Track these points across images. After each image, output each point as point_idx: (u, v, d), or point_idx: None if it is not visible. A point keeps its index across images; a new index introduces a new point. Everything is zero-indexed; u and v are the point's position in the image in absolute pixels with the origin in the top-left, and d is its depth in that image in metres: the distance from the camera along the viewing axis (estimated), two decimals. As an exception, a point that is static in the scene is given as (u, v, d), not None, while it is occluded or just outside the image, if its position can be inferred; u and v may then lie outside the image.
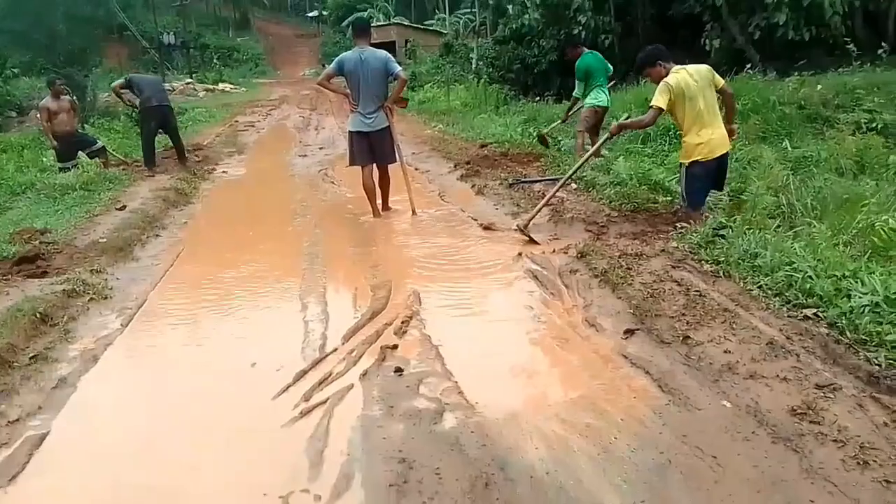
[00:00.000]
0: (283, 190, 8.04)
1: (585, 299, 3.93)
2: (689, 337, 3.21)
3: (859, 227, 4.70)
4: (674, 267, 4.15)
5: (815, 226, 4.70)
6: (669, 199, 6.08)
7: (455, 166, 8.52)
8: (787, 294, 3.47)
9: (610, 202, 5.96)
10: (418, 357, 3.32)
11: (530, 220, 5.30)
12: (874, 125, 8.28)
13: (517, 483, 2.31)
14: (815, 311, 3.25)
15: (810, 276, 3.49)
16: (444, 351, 3.36)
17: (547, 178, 7.07)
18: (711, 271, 3.97)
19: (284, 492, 2.32)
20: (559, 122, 8.70)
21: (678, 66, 4.89)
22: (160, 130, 9.24)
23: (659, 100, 4.78)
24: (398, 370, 3.15)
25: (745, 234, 4.36)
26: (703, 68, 4.93)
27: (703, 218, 4.88)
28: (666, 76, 4.83)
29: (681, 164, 5.14)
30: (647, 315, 3.51)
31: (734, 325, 3.25)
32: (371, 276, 4.59)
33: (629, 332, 3.42)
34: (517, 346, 3.50)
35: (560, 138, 9.37)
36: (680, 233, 4.73)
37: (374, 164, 6.27)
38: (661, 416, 2.66)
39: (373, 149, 6.17)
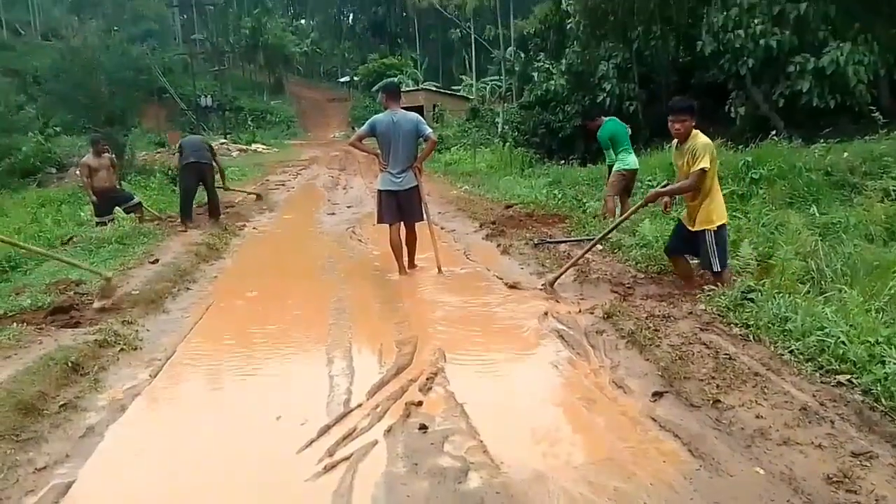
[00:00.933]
0: (312, 246, 8.18)
1: (612, 360, 3.89)
2: (719, 401, 3.15)
3: (892, 293, 4.64)
4: (702, 329, 4.11)
5: (846, 291, 4.63)
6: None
7: (480, 226, 8.61)
8: (819, 359, 3.41)
9: (636, 264, 5.96)
10: (443, 414, 3.30)
11: (556, 279, 5.31)
12: (900, 192, 8.27)
13: (544, 546, 2.26)
14: (848, 377, 3.19)
15: (843, 342, 3.43)
16: (469, 409, 3.34)
17: (572, 239, 7.11)
18: (741, 335, 3.92)
19: (307, 548, 2.28)
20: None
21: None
22: (200, 185, 9.50)
23: (706, 160, 4.76)
24: (423, 427, 3.13)
25: (774, 297, 4.32)
26: None
27: (732, 281, 4.86)
28: (691, 132, 4.89)
29: (705, 231, 5.01)
30: (675, 377, 3.47)
31: (766, 390, 3.19)
32: (397, 332, 4.60)
33: (657, 395, 3.37)
34: (543, 405, 3.47)
35: (585, 200, 9.46)
36: (708, 295, 4.70)
37: (402, 223, 6.37)
38: (691, 481, 2.60)
39: (401, 207, 6.28)
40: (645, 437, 2.99)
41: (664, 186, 5.40)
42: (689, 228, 5.08)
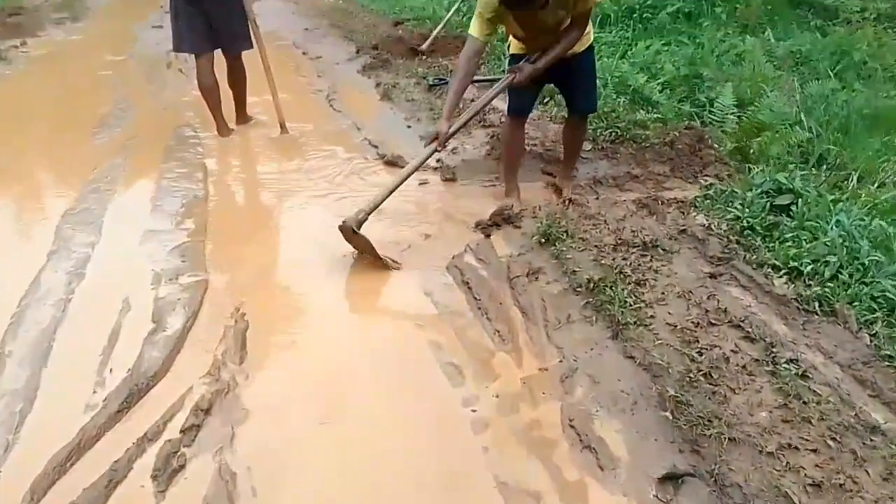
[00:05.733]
0: (106, 79, 5.53)
1: (563, 354, 2.02)
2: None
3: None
4: (714, 276, 2.29)
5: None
6: (657, 116, 4.18)
7: (358, 51, 6.21)
8: None
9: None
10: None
11: (368, 215, 2.60)
12: (868, 15, 6.62)
13: None
14: None
15: None
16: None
17: (482, 77, 4.93)
18: (795, 299, 2.11)
19: None
20: None
21: None
22: None
23: None
24: None
25: (830, 209, 2.52)
26: None
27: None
28: None
29: (589, 49, 2.91)
30: (701, 431, 1.64)
31: (919, 495, 1.44)
32: (171, 269, 2.51)
33: (672, 480, 1.56)
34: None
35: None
36: (707, 196, 2.85)
37: (221, 52, 3.99)
38: None
39: (211, 25, 3.85)
40: None
41: (536, 60, 2.76)
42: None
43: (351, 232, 2.49)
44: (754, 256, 2.36)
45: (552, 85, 3.20)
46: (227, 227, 2.95)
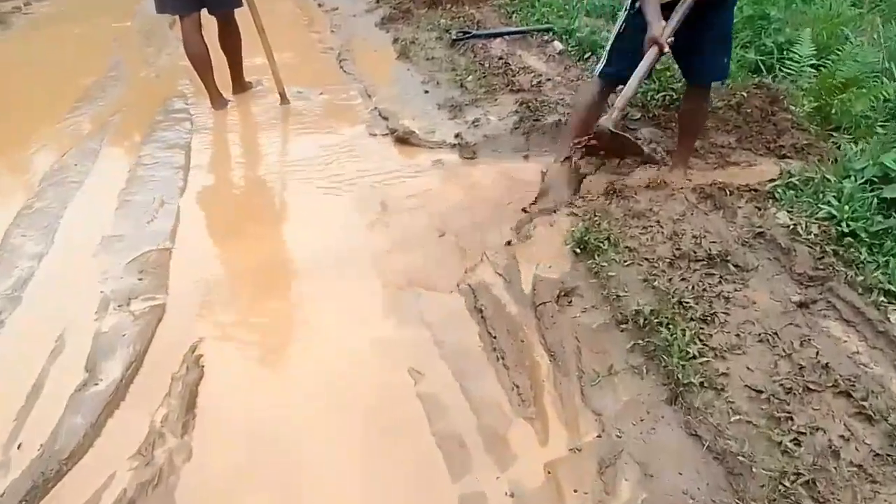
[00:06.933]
0: (102, 44, 5.07)
1: (602, 424, 1.51)
2: None
3: None
4: (806, 304, 1.73)
5: None
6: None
7: (377, 1, 5.58)
8: None
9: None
10: None
11: (622, 112, 2.30)
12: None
13: None
14: None
15: None
16: None
17: (514, 29, 4.30)
18: (926, 347, 1.55)
19: None
20: None
21: None
22: None
23: None
24: None
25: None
26: None
27: None
28: None
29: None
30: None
31: None
32: (123, 295, 2.06)
33: None
34: None
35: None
36: (788, 185, 2.25)
37: (209, 12, 3.48)
38: None
39: (194, -20, 3.33)
40: None
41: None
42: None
43: (608, 134, 2.18)
44: (859, 276, 1.78)
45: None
46: (202, 230, 2.49)
